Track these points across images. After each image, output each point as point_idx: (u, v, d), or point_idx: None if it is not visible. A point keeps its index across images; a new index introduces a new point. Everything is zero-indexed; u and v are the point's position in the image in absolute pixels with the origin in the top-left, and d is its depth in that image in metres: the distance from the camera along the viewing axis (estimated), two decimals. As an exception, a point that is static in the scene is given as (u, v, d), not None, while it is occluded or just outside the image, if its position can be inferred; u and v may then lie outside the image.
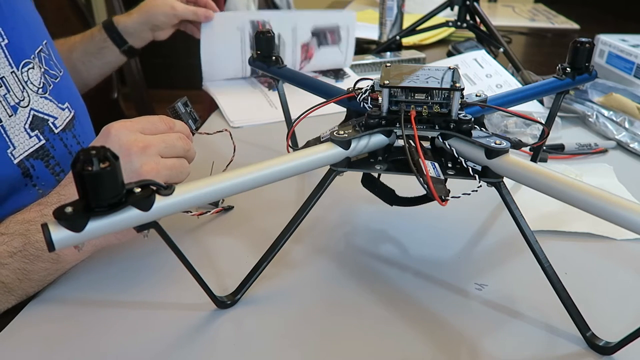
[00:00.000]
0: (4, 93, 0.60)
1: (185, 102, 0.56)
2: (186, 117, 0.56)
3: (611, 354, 0.42)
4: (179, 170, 0.50)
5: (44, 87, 0.67)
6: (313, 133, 0.49)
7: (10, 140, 0.60)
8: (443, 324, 0.46)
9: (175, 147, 0.50)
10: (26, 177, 0.61)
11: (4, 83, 0.60)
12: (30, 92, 0.64)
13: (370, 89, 0.50)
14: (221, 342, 0.44)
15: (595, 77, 0.61)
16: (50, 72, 0.70)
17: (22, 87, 0.63)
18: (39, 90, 0.66)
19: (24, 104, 0.63)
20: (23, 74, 0.64)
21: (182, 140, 0.51)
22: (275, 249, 0.47)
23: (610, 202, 0.37)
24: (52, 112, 0.67)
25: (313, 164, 0.44)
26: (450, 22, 1.25)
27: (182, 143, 0.51)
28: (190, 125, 0.56)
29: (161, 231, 0.39)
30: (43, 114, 0.65)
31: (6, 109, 0.60)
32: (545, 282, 0.43)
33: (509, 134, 0.80)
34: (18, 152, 0.61)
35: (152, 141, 0.49)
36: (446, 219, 0.60)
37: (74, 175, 0.32)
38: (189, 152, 0.52)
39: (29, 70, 0.65)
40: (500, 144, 0.43)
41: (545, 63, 1.22)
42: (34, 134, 0.63)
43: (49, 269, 0.47)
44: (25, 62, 0.65)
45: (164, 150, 0.49)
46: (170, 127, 0.52)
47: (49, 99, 0.67)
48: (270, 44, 0.65)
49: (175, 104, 0.56)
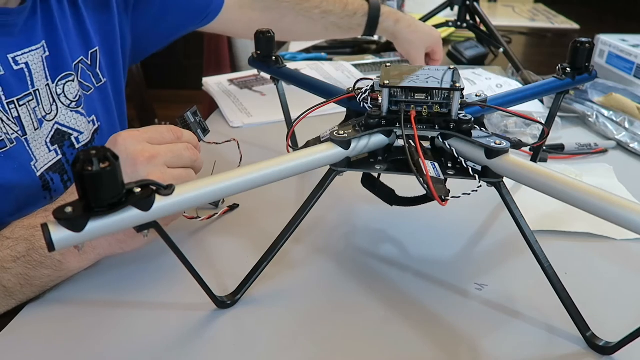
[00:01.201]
0: (34, 106, 0.60)
1: (194, 112, 0.57)
2: (195, 127, 0.56)
3: (611, 354, 0.42)
4: (185, 181, 0.49)
5: (78, 100, 0.67)
6: (313, 133, 0.49)
7: (32, 153, 0.60)
8: (443, 324, 0.46)
9: (182, 157, 0.50)
10: (45, 190, 0.61)
11: (36, 96, 0.61)
12: (61, 105, 0.64)
13: (370, 89, 0.50)
14: (221, 342, 0.44)
15: (595, 77, 0.61)
16: (84, 84, 0.69)
17: (52, 100, 0.63)
18: (71, 104, 0.65)
19: (49, 118, 0.63)
20: (58, 87, 0.64)
21: (190, 151, 0.51)
22: (275, 249, 0.47)
23: (610, 202, 0.37)
24: (79, 127, 0.67)
25: (313, 164, 0.44)
26: (450, 22, 1.25)
27: (190, 153, 0.51)
28: (199, 135, 0.56)
29: (161, 231, 0.39)
30: (67, 128, 0.65)
31: (33, 122, 0.60)
32: (545, 282, 0.43)
33: (509, 134, 0.79)
34: (40, 165, 0.61)
35: (159, 151, 0.48)
36: (446, 219, 0.60)
37: (74, 175, 0.32)
38: (196, 163, 0.52)
39: (67, 83, 0.65)
40: (500, 144, 0.43)
41: (545, 63, 1.22)
42: (53, 148, 0.64)
43: (51, 275, 0.47)
44: (65, 74, 0.65)
45: (171, 161, 0.49)
46: (178, 137, 0.52)
47: (80, 113, 0.67)
48: (270, 44, 0.65)
49: (185, 113, 0.56)
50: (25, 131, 0.59)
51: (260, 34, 0.65)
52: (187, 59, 2.90)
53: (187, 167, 0.51)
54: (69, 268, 0.48)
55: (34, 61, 0.60)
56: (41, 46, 0.62)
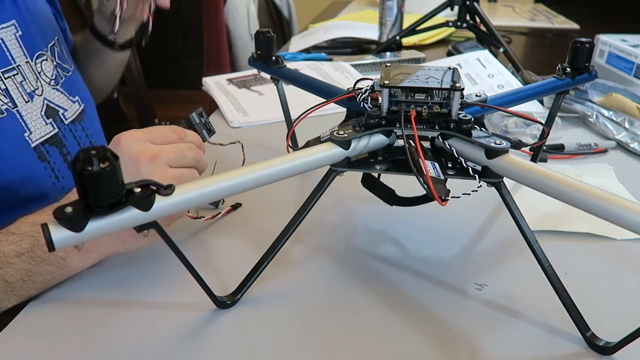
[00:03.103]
0: (20, 80, 0.63)
1: (200, 113, 0.57)
2: (200, 128, 0.56)
3: (611, 354, 0.42)
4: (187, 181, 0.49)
5: (56, 79, 0.70)
6: (313, 133, 0.49)
7: (26, 124, 0.63)
8: (443, 324, 0.46)
9: (185, 157, 0.50)
10: (43, 160, 0.64)
11: (20, 71, 0.64)
12: (44, 82, 0.67)
13: (370, 89, 0.50)
14: (221, 342, 0.44)
15: (595, 77, 0.61)
16: (63, 66, 0.73)
17: (36, 76, 0.67)
18: (51, 81, 0.69)
19: (38, 93, 0.66)
20: (37, 65, 0.67)
21: (193, 151, 0.51)
22: (275, 249, 0.47)
23: (610, 202, 0.37)
24: (63, 104, 0.70)
25: (313, 164, 0.44)
26: (450, 22, 1.25)
27: (193, 153, 0.51)
28: (204, 136, 0.56)
29: (161, 231, 0.39)
30: (54, 105, 0.68)
31: (23, 95, 0.63)
32: (545, 282, 0.43)
33: (509, 134, 0.79)
34: (35, 137, 0.64)
35: (161, 151, 0.49)
36: (446, 219, 0.60)
37: (74, 175, 0.32)
38: (199, 163, 0.52)
39: (42, 62, 0.68)
40: (500, 144, 0.43)
41: (545, 63, 1.22)
42: (49, 121, 0.67)
43: (53, 272, 0.47)
44: (39, 53, 0.68)
45: (174, 160, 0.49)
46: (182, 137, 0.52)
47: (60, 91, 0.70)
48: (270, 44, 0.65)
49: (190, 114, 0.56)
50: (15, 103, 0.62)
51: (260, 34, 0.65)
52: (186, 59, 2.90)
53: (190, 167, 0.51)
54: (72, 266, 0.48)
55: (7, 37, 0.64)
56: (12, 24, 0.65)
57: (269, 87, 0.99)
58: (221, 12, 1.63)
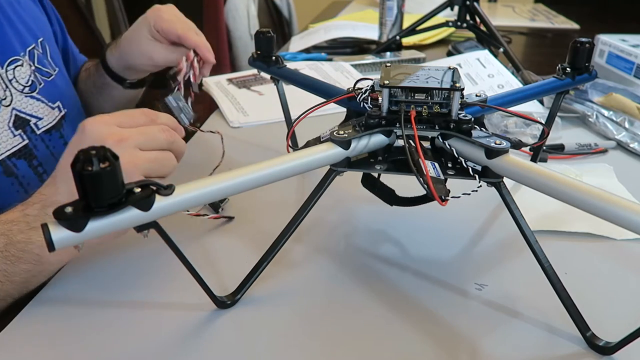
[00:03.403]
0: None
1: (177, 97, 0.55)
2: (177, 112, 0.54)
3: (611, 354, 0.42)
4: (161, 163, 0.48)
5: (32, 85, 0.66)
6: (313, 133, 0.49)
7: None
8: (443, 324, 0.46)
9: (156, 139, 0.48)
10: (9, 175, 0.60)
11: None
12: (14, 90, 0.63)
13: (370, 89, 0.50)
14: (221, 342, 0.44)
15: (595, 77, 0.61)
16: (43, 70, 0.69)
17: (4, 85, 0.63)
18: (24, 89, 0.65)
19: (6, 103, 0.62)
20: (8, 72, 0.63)
21: (165, 133, 0.49)
22: (275, 249, 0.47)
23: (610, 202, 0.37)
24: (37, 113, 0.66)
25: (313, 164, 0.44)
26: (450, 22, 1.25)
27: (165, 135, 0.48)
28: (183, 120, 0.54)
29: (161, 231, 0.39)
30: (25, 114, 0.64)
31: None
32: (545, 282, 0.43)
33: (509, 134, 0.79)
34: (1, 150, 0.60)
35: (129, 134, 0.46)
36: (446, 219, 0.60)
37: (74, 175, 0.32)
38: (174, 145, 0.50)
39: (16, 68, 0.64)
40: (500, 144, 0.43)
41: (545, 63, 1.22)
42: (18, 132, 0.63)
43: (31, 270, 0.46)
44: (12, 59, 0.64)
45: (144, 143, 0.47)
46: (152, 120, 0.49)
47: (36, 98, 0.66)
48: (270, 44, 0.65)
49: (167, 97, 0.54)
50: None
51: (260, 34, 0.65)
52: (186, 59, 2.89)
53: (164, 149, 0.49)
54: (49, 261, 0.47)
55: None
56: None
57: (269, 87, 0.99)
58: (221, 12, 1.63)
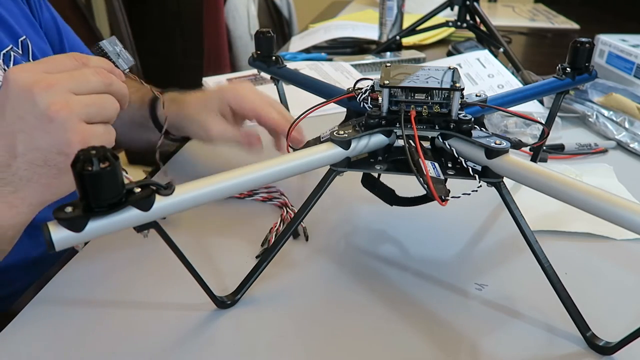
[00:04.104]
0: None
1: (112, 41, 0.51)
2: (115, 56, 0.51)
3: (611, 354, 0.42)
4: (100, 107, 0.45)
5: None
6: (313, 133, 0.49)
7: None
8: (443, 324, 0.46)
9: (89, 82, 0.44)
10: None
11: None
12: None
13: (370, 89, 0.50)
14: (221, 342, 0.44)
15: (595, 77, 0.61)
16: None
17: None
18: None
19: None
20: None
21: (99, 75, 0.45)
22: (275, 249, 0.47)
23: (610, 202, 0.37)
24: None
25: (313, 164, 0.44)
26: (450, 22, 1.25)
27: (100, 77, 0.45)
28: (121, 65, 0.51)
29: (161, 231, 0.39)
30: None
31: None
32: (545, 282, 0.43)
33: (509, 134, 0.80)
34: None
35: (57, 78, 0.43)
36: (446, 219, 0.60)
37: (74, 175, 0.32)
38: (112, 87, 0.46)
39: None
40: (500, 144, 0.43)
41: (545, 63, 1.22)
42: None
43: None
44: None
45: (76, 87, 0.43)
46: (83, 63, 0.46)
47: None
48: (270, 44, 0.65)
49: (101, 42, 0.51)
50: None
51: (260, 34, 0.65)
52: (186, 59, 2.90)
53: (101, 92, 0.45)
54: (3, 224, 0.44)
55: None
56: None
57: (269, 87, 0.99)
58: (221, 12, 1.63)
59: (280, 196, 0.63)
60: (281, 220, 0.58)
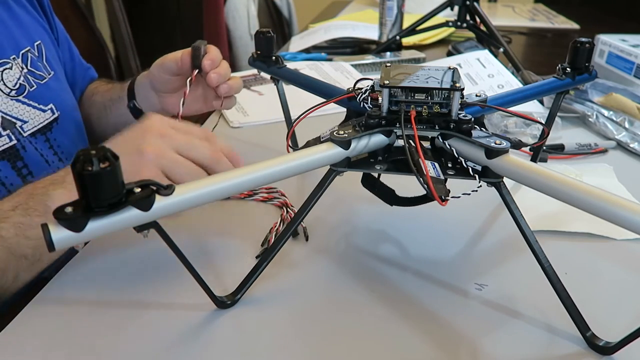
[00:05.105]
0: None
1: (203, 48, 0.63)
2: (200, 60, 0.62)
3: (611, 354, 0.42)
4: (182, 169, 0.47)
5: (20, 88, 0.66)
6: (313, 133, 0.49)
7: None
8: (443, 324, 0.46)
9: (196, 148, 0.48)
10: None
11: None
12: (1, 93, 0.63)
13: (370, 89, 0.50)
14: (221, 342, 0.44)
15: (595, 77, 0.61)
16: (36, 73, 0.69)
17: None
18: (11, 92, 0.65)
19: None
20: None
21: (211, 150, 0.48)
22: (275, 249, 0.47)
23: (610, 202, 0.37)
24: (22, 116, 0.66)
25: (313, 164, 0.44)
26: (450, 22, 1.25)
27: (209, 152, 0.48)
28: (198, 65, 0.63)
29: (161, 231, 0.39)
30: (10, 117, 0.64)
31: None
32: (545, 282, 0.43)
33: (509, 134, 0.79)
34: None
35: (173, 134, 0.48)
36: (446, 219, 0.60)
37: (74, 175, 0.32)
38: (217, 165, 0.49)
39: (4, 71, 0.64)
40: (500, 144, 0.43)
41: (545, 63, 1.22)
42: (6, 133, 0.63)
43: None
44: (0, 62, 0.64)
45: (182, 147, 0.47)
46: (207, 138, 0.50)
47: (22, 102, 0.66)
48: (270, 44, 0.65)
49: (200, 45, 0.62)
50: None
51: (260, 34, 0.65)
52: (187, 59, 2.89)
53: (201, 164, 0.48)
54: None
55: None
56: None
57: (269, 87, 0.99)
58: (221, 12, 1.63)
59: (280, 196, 0.63)
60: (281, 220, 0.58)
